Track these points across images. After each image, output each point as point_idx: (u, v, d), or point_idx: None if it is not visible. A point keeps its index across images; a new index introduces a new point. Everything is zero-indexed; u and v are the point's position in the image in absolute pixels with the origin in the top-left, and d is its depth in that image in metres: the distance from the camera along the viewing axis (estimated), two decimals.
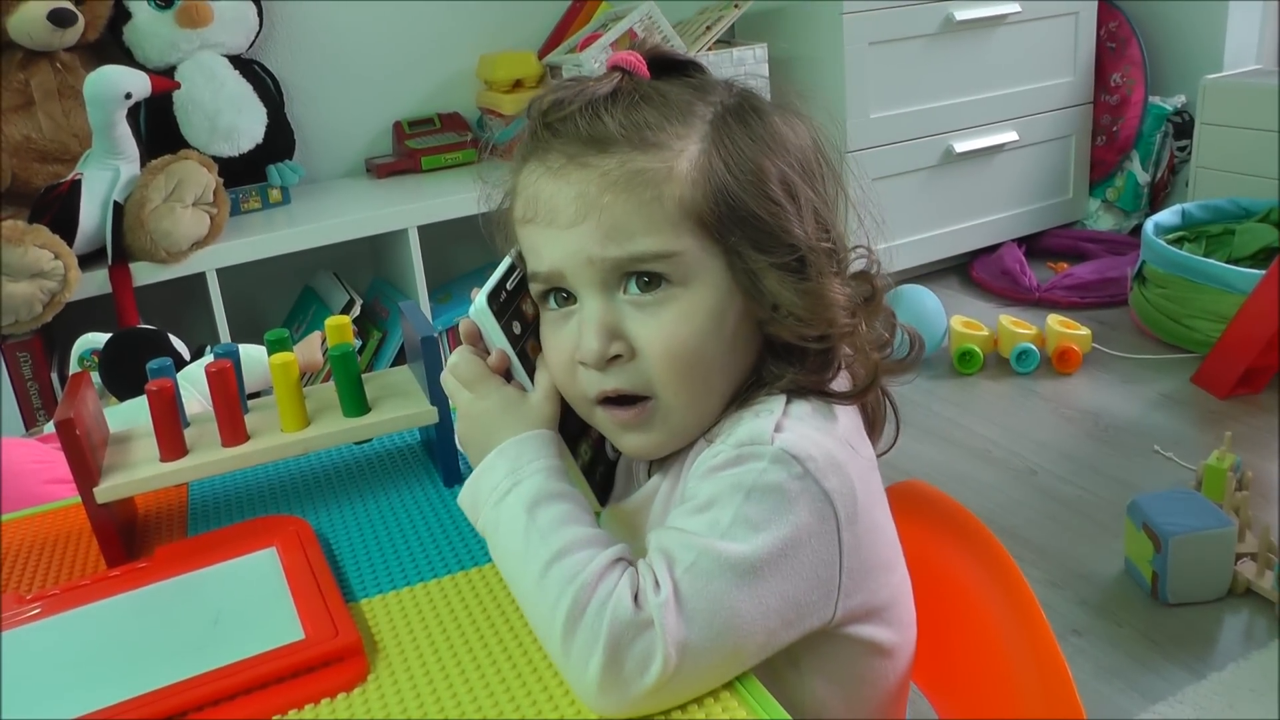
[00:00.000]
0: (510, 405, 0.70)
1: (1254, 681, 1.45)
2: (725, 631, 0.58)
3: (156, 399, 0.78)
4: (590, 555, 0.61)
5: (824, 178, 0.70)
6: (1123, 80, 3.06)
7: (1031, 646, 0.75)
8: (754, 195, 0.66)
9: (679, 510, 0.64)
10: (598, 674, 0.57)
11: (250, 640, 0.65)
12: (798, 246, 0.66)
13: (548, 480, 0.65)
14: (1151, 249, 2.52)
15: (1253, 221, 2.61)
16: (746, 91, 0.71)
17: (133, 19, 2.25)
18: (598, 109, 0.66)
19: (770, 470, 0.62)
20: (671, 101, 0.67)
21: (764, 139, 0.68)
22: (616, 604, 0.58)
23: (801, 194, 0.67)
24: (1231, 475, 1.77)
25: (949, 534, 0.84)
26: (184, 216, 2.04)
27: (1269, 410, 2.18)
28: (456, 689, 0.62)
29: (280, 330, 0.86)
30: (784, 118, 0.70)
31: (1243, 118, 2.76)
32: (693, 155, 0.66)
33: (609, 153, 0.65)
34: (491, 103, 2.63)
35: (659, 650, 0.57)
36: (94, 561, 0.81)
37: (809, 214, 0.68)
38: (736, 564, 0.59)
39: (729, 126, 0.68)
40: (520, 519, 0.64)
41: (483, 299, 0.69)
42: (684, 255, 0.66)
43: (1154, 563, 1.61)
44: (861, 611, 0.67)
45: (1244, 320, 2.21)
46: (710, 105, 0.69)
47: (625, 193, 0.65)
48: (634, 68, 0.69)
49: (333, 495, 0.87)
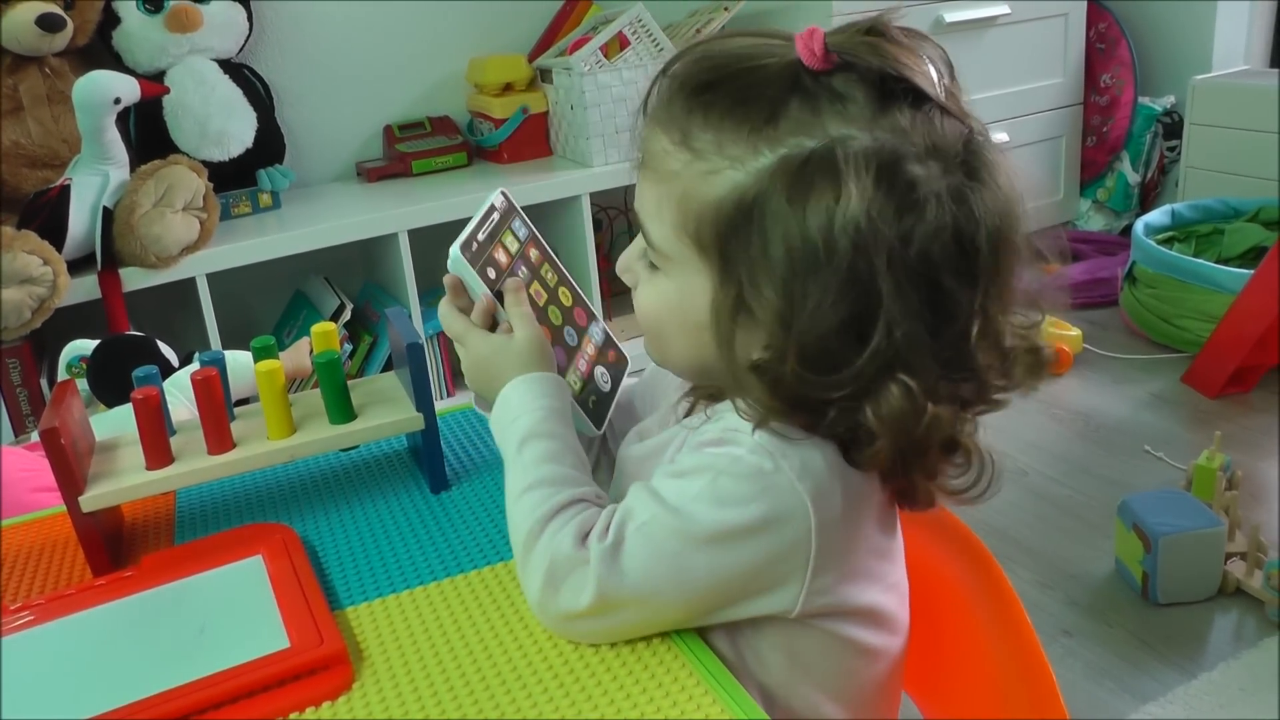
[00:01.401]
0: (500, 350, 0.76)
1: (1244, 681, 1.45)
2: (657, 591, 0.64)
3: (142, 407, 0.77)
4: (553, 491, 0.68)
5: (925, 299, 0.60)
6: (1112, 81, 3.07)
7: (1016, 650, 0.75)
8: (759, 263, 0.61)
9: (661, 469, 0.67)
10: (538, 593, 0.66)
11: (235, 649, 0.65)
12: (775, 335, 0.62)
13: (543, 420, 0.72)
14: (1142, 249, 2.53)
15: (1242, 221, 2.62)
16: (895, 160, 0.59)
17: (122, 24, 2.25)
18: (695, 89, 0.64)
19: (746, 458, 0.63)
20: (764, 113, 0.61)
21: (824, 211, 0.59)
22: (560, 540, 0.65)
23: (813, 293, 0.59)
24: (1221, 475, 1.77)
25: (933, 537, 0.85)
26: (174, 221, 2.03)
27: (1259, 410, 2.19)
28: (441, 696, 0.62)
29: (266, 337, 0.86)
30: (934, 211, 0.59)
31: (1232, 118, 2.77)
32: (730, 183, 0.62)
33: (668, 133, 0.65)
34: (482, 106, 2.63)
35: (590, 588, 0.63)
36: (80, 570, 0.81)
37: (814, 309, 0.60)
38: (684, 532, 0.63)
39: (793, 182, 0.60)
40: (512, 451, 0.71)
41: (456, 249, 0.74)
42: (674, 260, 0.67)
43: (1144, 563, 1.61)
44: (835, 610, 0.67)
45: (1233, 320, 2.22)
46: (807, 144, 0.60)
47: (655, 180, 0.67)
48: (808, 58, 0.61)
49: (319, 502, 0.87)
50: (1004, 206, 0.62)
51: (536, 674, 0.63)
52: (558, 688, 0.62)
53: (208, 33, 2.29)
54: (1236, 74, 2.92)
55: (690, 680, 0.62)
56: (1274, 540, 1.71)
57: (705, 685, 0.61)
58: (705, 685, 0.61)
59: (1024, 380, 0.65)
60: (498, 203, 0.79)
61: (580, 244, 2.50)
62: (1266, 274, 2.16)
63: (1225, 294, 2.28)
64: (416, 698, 0.62)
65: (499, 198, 0.80)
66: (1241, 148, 2.74)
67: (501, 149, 2.60)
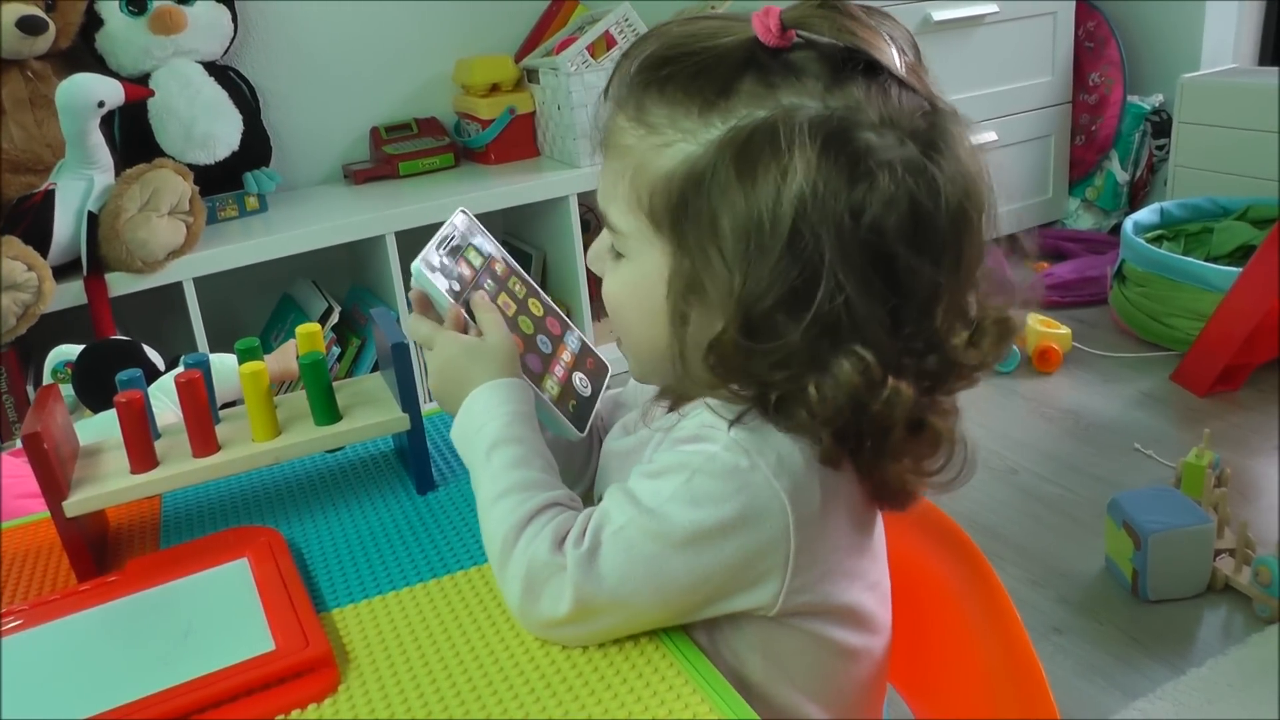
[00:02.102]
0: (469, 351, 0.74)
1: (1232, 677, 1.46)
2: (635, 593, 0.63)
3: (126, 411, 0.77)
4: (526, 498, 0.67)
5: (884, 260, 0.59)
6: (1101, 80, 3.07)
7: (1006, 647, 0.75)
8: (707, 235, 0.61)
9: (638, 469, 0.67)
10: (518, 600, 0.65)
11: (221, 652, 0.65)
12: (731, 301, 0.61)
13: (509, 425, 0.71)
14: (1131, 248, 2.53)
15: (1231, 220, 2.63)
16: (845, 129, 0.59)
17: (105, 26, 2.24)
18: (650, 66, 0.64)
19: (720, 455, 0.62)
20: (717, 87, 0.61)
21: (772, 181, 0.58)
22: (537, 547, 0.65)
23: (760, 263, 0.59)
24: (1210, 472, 1.77)
25: (924, 535, 0.84)
26: (160, 226, 2.02)
27: (1248, 407, 2.19)
28: (427, 697, 0.62)
29: (250, 339, 0.85)
30: (882, 172, 0.59)
31: (1221, 116, 2.78)
32: (681, 154, 0.62)
33: (624, 111, 0.66)
34: (468, 107, 2.63)
35: (568, 594, 0.63)
36: (65, 576, 0.80)
37: (770, 274, 0.59)
38: (661, 534, 0.62)
39: (741, 151, 0.60)
40: (480, 459, 0.70)
41: (417, 264, 0.75)
42: (633, 240, 0.67)
43: (1134, 560, 1.61)
44: (815, 608, 0.67)
45: (1222, 318, 2.22)
46: (757, 114, 0.60)
47: (612, 158, 0.67)
48: (764, 35, 0.61)
49: (305, 504, 0.86)
50: (965, 180, 0.61)
51: (524, 675, 0.63)
52: (544, 688, 0.62)
53: (192, 35, 2.29)
54: (1225, 72, 2.93)
55: (678, 679, 0.61)
56: (1262, 537, 1.72)
57: (693, 684, 0.61)
58: (693, 684, 0.61)
59: (992, 352, 0.64)
60: (459, 221, 0.81)
61: (568, 244, 2.50)
62: (1255, 272, 2.16)
63: (1214, 292, 2.29)
64: (403, 699, 0.62)
65: (460, 216, 0.81)
66: (1230, 146, 2.75)
67: (489, 150, 2.60)
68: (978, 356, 0.63)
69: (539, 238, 2.65)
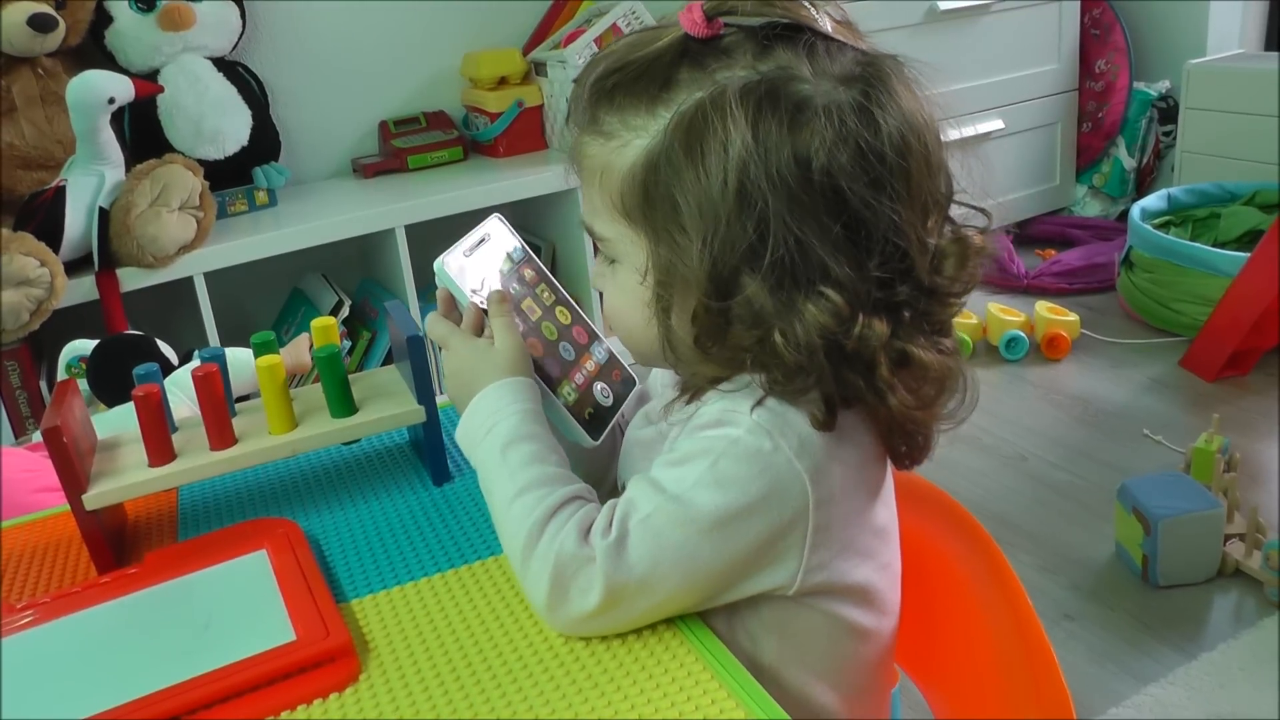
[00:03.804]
0: (480, 354, 0.75)
1: (1244, 660, 1.46)
2: (664, 579, 0.64)
3: (143, 404, 0.78)
4: (547, 493, 0.67)
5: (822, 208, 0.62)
6: (1107, 67, 3.07)
7: (1018, 632, 0.75)
8: (670, 218, 0.64)
9: (661, 458, 0.68)
10: (545, 597, 0.65)
11: (242, 643, 0.65)
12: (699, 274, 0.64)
13: (521, 424, 0.71)
14: (1138, 234, 2.53)
15: (1238, 205, 2.62)
16: (778, 87, 0.62)
17: (114, 23, 2.24)
18: (597, 82, 0.68)
19: (744, 438, 0.64)
20: (658, 83, 0.65)
21: (715, 150, 0.62)
22: (563, 540, 0.65)
23: (722, 230, 0.62)
24: (1220, 457, 1.78)
25: (935, 522, 0.85)
26: (170, 221, 2.03)
27: (1257, 392, 2.19)
28: (448, 687, 0.62)
29: (266, 333, 0.86)
30: (804, 121, 0.62)
31: (1227, 102, 2.77)
32: (638, 150, 0.66)
33: (584, 130, 0.70)
34: (477, 100, 2.63)
35: (598, 585, 0.63)
36: (85, 569, 0.81)
37: (721, 244, 0.62)
38: (688, 520, 0.63)
39: (686, 130, 0.63)
40: (495, 458, 0.70)
41: (440, 261, 0.76)
42: (618, 245, 0.70)
43: (1144, 545, 1.61)
44: (830, 587, 0.68)
45: (1231, 303, 2.22)
46: (696, 95, 0.63)
47: (583, 172, 0.70)
48: (691, 28, 0.65)
49: (322, 496, 0.87)
50: (908, 115, 0.64)
51: (544, 665, 0.63)
52: (564, 675, 0.62)
53: (200, 31, 2.29)
54: (1232, 58, 2.92)
55: (698, 666, 0.62)
56: (1273, 521, 1.72)
57: (711, 671, 0.61)
58: (711, 671, 0.61)
59: (958, 272, 0.66)
60: (491, 225, 0.82)
61: (577, 236, 2.50)
62: (1263, 257, 2.16)
63: (1222, 277, 2.29)
64: (424, 689, 0.62)
65: (493, 222, 0.82)
66: (1237, 131, 2.74)
67: (497, 143, 2.60)
68: (946, 280, 0.66)
69: (548, 230, 2.65)
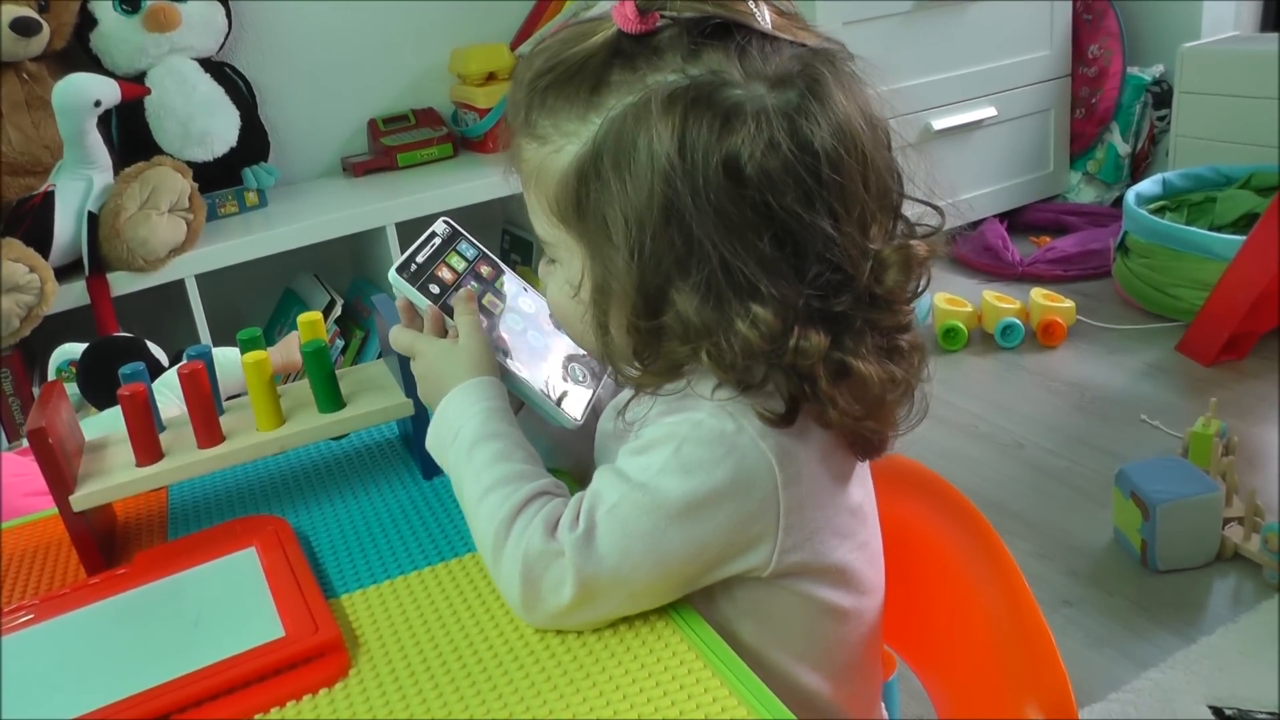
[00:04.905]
0: (445, 356, 0.75)
1: (1243, 644, 1.46)
2: (636, 569, 0.63)
3: (129, 403, 0.77)
4: (512, 490, 0.67)
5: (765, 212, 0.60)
6: (1100, 52, 3.06)
7: (1017, 619, 0.75)
8: (601, 231, 0.64)
9: (625, 448, 0.67)
10: (519, 596, 0.64)
11: (231, 640, 0.65)
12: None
13: (485, 423, 0.71)
14: (1133, 219, 2.52)
15: (1233, 188, 2.61)
16: (706, 93, 0.60)
17: (99, 25, 2.23)
18: (532, 82, 0.66)
19: (706, 421, 0.63)
20: (589, 86, 0.63)
21: (642, 161, 0.60)
22: (530, 537, 0.64)
23: (649, 242, 0.61)
24: (1218, 441, 1.77)
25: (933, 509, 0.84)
26: (160, 224, 2.02)
27: (1254, 376, 2.19)
28: (439, 681, 0.62)
29: (252, 329, 0.85)
30: (736, 122, 0.60)
31: (1222, 85, 2.76)
32: (570, 154, 0.64)
33: (520, 132, 0.68)
34: (465, 96, 2.62)
35: (569, 580, 0.62)
36: (75, 571, 0.80)
37: (656, 252, 0.61)
38: (655, 507, 0.63)
39: (616, 138, 0.62)
40: (462, 460, 0.70)
41: (392, 272, 0.77)
42: (557, 247, 0.69)
43: (1142, 530, 1.61)
44: (807, 568, 0.67)
45: (1227, 287, 2.22)
46: (626, 101, 0.62)
47: (522, 177, 0.69)
48: (623, 24, 0.63)
49: (311, 492, 0.87)
50: (843, 123, 0.62)
51: (535, 657, 0.63)
52: (555, 667, 0.62)
53: (186, 31, 2.28)
54: (1226, 40, 2.91)
55: (690, 655, 0.61)
56: (1271, 504, 1.72)
57: (704, 659, 0.61)
58: (704, 659, 0.61)
59: (900, 282, 0.64)
60: (439, 229, 0.81)
61: None
62: (1259, 240, 2.16)
63: (1218, 261, 2.28)
64: (414, 683, 0.62)
65: (440, 225, 0.82)
66: (1232, 114, 2.73)
67: (486, 139, 2.59)
68: (888, 290, 0.64)
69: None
